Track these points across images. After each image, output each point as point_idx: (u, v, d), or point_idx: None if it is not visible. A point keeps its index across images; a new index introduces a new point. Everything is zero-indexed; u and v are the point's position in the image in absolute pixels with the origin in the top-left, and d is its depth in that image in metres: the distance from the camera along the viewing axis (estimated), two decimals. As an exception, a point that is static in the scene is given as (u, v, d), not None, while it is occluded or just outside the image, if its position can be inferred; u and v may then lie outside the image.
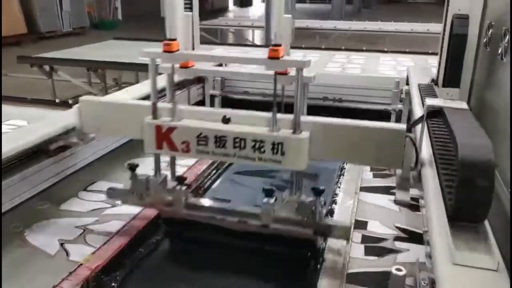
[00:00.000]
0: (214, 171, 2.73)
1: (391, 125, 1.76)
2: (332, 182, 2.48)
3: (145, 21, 15.63)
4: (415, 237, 1.97)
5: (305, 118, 1.69)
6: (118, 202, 2.15)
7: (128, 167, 1.93)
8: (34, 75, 5.45)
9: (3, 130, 2.40)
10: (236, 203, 2.11)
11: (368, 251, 1.87)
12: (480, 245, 1.06)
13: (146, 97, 2.36)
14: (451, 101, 1.96)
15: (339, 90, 3.42)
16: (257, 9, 21.14)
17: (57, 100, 4.27)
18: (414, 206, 2.19)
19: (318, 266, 1.79)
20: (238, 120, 1.73)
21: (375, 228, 2.05)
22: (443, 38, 2.74)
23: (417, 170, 1.61)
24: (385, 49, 5.63)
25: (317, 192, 1.71)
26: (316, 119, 1.71)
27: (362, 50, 5.55)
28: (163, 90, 2.04)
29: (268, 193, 1.76)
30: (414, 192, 2.21)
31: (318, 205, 1.72)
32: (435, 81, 2.72)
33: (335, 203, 2.24)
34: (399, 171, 2.24)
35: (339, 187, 2.43)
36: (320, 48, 5.79)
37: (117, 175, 2.47)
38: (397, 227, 2.04)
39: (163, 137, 1.77)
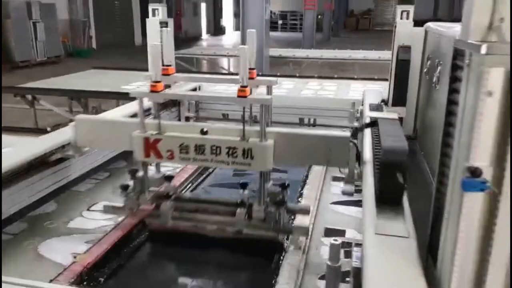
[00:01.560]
0: (189, 185, 3.02)
1: (339, 133, 2.12)
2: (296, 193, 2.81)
3: (118, 49, 15.91)
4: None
5: (269, 129, 2.07)
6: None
7: (120, 188, 2.26)
8: (9, 104, 5.56)
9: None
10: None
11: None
12: (397, 220, 1.39)
13: (134, 115, 2.69)
14: (387, 113, 2.36)
15: (302, 111, 3.80)
16: (230, 38, 21.73)
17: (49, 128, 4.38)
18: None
19: (281, 259, 2.10)
20: (213, 132, 2.08)
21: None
22: (391, 65, 3.17)
23: (360, 168, 1.97)
24: (355, 76, 5.95)
25: (282, 186, 2.13)
26: (278, 129, 2.11)
27: (333, 78, 5.85)
28: (147, 109, 2.35)
29: (243, 185, 2.18)
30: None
31: (282, 213, 2.12)
32: (385, 101, 3.13)
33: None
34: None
35: (302, 195, 2.75)
36: (294, 76, 6.06)
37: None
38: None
39: (151, 147, 2.10)
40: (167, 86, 2.25)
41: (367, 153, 2.02)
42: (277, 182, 2.20)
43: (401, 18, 3.00)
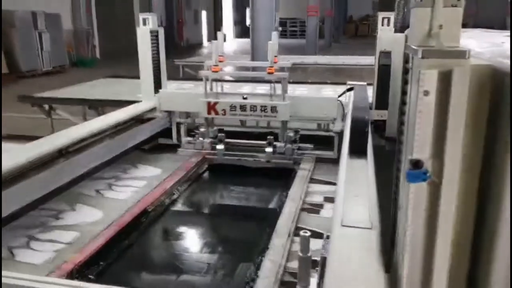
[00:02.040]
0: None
1: (332, 97, 3.41)
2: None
3: (121, 58, 16.09)
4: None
5: (287, 95, 3.31)
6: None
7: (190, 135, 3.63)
8: (20, 114, 5.59)
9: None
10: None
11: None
12: (361, 212, 1.48)
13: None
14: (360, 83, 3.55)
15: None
16: (230, 45, 21.89)
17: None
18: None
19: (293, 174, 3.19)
20: (251, 97, 3.32)
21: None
22: (375, 70, 3.27)
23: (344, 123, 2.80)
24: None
25: (296, 132, 3.44)
26: (292, 95, 3.40)
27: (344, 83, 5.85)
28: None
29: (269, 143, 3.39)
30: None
31: (295, 149, 3.44)
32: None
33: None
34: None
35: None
36: (307, 82, 6.02)
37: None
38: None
39: (211, 108, 3.30)
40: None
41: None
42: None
43: (382, 25, 3.11)
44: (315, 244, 1.65)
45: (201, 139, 3.47)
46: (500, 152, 1.03)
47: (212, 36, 27.26)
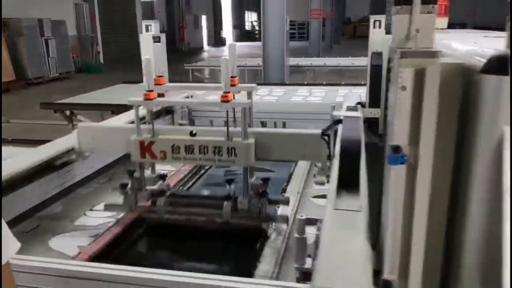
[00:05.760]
0: (182, 186, 3.20)
1: (312, 130, 2.31)
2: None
3: (125, 63, 16.21)
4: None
5: (250, 129, 2.30)
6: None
7: (120, 187, 2.48)
8: (32, 121, 5.62)
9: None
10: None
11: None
12: (352, 197, 1.60)
13: (131, 122, 2.79)
14: (351, 112, 2.70)
15: (285, 116, 3.95)
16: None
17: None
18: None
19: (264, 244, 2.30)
20: (201, 133, 2.32)
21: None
22: (368, 70, 3.39)
23: (331, 161, 2.19)
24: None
25: (264, 180, 2.38)
26: (258, 129, 2.36)
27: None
28: (142, 118, 2.55)
29: (229, 181, 2.41)
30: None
31: (263, 204, 2.36)
32: (362, 104, 3.34)
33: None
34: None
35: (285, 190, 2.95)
36: (323, 84, 5.98)
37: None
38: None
39: (146, 149, 2.33)
40: (161, 95, 2.45)
41: (338, 147, 2.23)
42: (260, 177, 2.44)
43: (374, 27, 3.23)
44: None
45: (131, 195, 2.48)
46: (469, 138, 1.15)
47: (212, 40, 27.44)
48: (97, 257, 2.21)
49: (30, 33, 13.37)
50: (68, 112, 5.06)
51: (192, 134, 2.29)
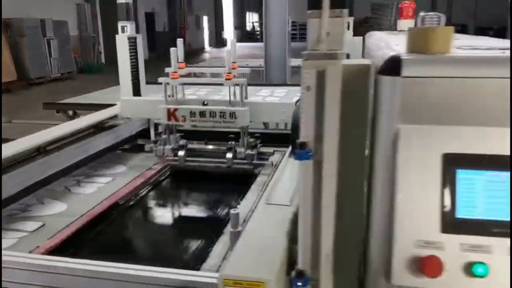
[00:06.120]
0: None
1: (289, 101, 3.27)
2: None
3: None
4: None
5: (246, 100, 3.27)
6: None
7: (152, 142, 3.52)
8: (34, 120, 5.72)
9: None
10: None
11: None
12: (285, 193, 1.68)
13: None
14: None
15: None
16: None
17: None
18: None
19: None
20: (210, 103, 3.33)
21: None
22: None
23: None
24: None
25: (256, 137, 3.40)
26: (251, 100, 3.36)
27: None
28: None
29: (232, 139, 3.34)
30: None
31: (255, 154, 3.32)
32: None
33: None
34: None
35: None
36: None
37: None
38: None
39: (171, 114, 3.29)
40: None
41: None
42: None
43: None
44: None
45: (160, 147, 3.44)
46: (374, 136, 1.23)
47: (214, 41, 27.55)
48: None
49: (32, 33, 13.79)
50: (71, 112, 5.20)
51: (204, 104, 3.32)
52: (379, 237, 1.22)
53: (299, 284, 1.30)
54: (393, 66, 1.16)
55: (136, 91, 3.82)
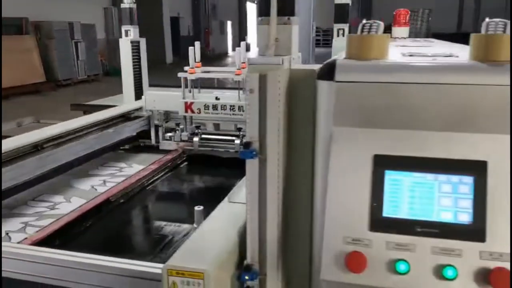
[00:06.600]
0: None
1: None
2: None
3: (150, 67, 16.52)
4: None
5: None
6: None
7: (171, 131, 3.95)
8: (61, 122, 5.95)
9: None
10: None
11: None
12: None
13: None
14: None
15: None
16: (254, 54, 22.23)
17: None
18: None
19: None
20: (223, 98, 3.63)
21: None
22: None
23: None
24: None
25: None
26: None
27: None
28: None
29: (239, 129, 3.73)
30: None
31: None
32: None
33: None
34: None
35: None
36: None
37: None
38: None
39: (188, 107, 3.68)
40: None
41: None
42: None
43: (337, 36, 3.34)
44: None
45: (179, 133, 3.92)
46: (315, 137, 1.29)
47: (237, 46, 27.75)
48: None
49: (61, 36, 14.15)
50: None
51: (217, 98, 3.65)
52: (317, 233, 1.28)
53: (247, 278, 1.36)
54: (328, 71, 1.22)
55: (138, 93, 3.98)
